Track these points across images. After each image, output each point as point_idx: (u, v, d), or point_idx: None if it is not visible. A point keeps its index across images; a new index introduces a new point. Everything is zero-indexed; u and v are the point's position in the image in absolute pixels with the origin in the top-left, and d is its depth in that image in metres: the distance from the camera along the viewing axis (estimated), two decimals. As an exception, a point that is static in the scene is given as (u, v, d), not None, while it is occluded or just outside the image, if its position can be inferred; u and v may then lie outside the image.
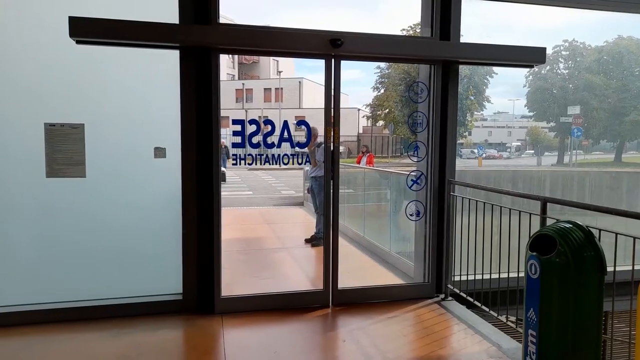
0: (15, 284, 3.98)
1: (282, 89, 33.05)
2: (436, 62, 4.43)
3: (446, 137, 4.53)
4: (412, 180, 4.67)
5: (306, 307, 4.22)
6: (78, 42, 3.61)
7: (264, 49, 4.26)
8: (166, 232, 4.12)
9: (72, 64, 3.93)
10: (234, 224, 8.44)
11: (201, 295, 4.12)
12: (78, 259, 4.06)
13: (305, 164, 4.86)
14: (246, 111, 26.10)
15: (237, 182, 15.97)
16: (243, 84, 35.57)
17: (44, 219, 4.02)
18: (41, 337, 3.65)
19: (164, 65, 4.00)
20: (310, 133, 4.54)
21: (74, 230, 4.05)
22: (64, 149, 3.87)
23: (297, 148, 4.74)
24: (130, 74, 4.08)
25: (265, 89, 35.00)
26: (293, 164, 4.36)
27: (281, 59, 34.58)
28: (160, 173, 4.13)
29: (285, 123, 4.26)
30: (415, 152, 4.64)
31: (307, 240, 6.85)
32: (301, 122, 4.46)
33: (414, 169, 4.71)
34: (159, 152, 4.09)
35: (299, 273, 5.92)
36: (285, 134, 4.25)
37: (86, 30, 3.54)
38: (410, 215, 4.69)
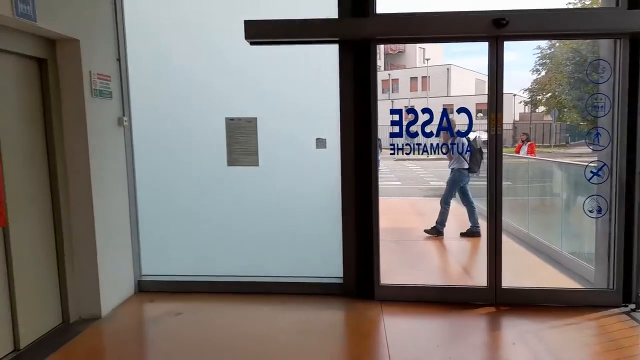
0: (209, 258, 4.56)
1: (429, 77, 32.10)
2: (622, 36, 3.82)
3: (636, 122, 3.89)
4: (591, 172, 4.11)
5: (467, 303, 4.05)
6: (252, 43, 3.96)
7: (423, 35, 4.14)
8: (328, 218, 4.32)
9: (245, 63, 4.32)
10: (385, 214, 8.45)
11: (360, 281, 4.24)
12: (254, 240, 4.50)
13: (466, 153, 4.64)
14: (392, 102, 25.99)
15: (385, 172, 16.04)
16: (389, 74, 35.48)
17: (227, 203, 4.52)
18: (230, 304, 4.18)
19: (323, 60, 4.18)
20: (472, 121, 4.29)
21: (250, 214, 4.50)
22: (241, 140, 4.31)
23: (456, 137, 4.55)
24: (292, 69, 4.34)
25: (411, 78, 34.40)
26: (453, 153, 4.19)
27: (428, 47, 33.59)
28: (321, 162, 4.33)
29: (444, 111, 4.11)
30: (596, 140, 4.07)
31: (462, 234, 6.58)
32: (462, 110, 4.25)
33: (593, 159, 4.14)
34: (320, 143, 4.30)
35: (455, 267, 5.70)
36: (444, 122, 4.11)
37: (259, 31, 3.87)
38: (590, 211, 4.13)
